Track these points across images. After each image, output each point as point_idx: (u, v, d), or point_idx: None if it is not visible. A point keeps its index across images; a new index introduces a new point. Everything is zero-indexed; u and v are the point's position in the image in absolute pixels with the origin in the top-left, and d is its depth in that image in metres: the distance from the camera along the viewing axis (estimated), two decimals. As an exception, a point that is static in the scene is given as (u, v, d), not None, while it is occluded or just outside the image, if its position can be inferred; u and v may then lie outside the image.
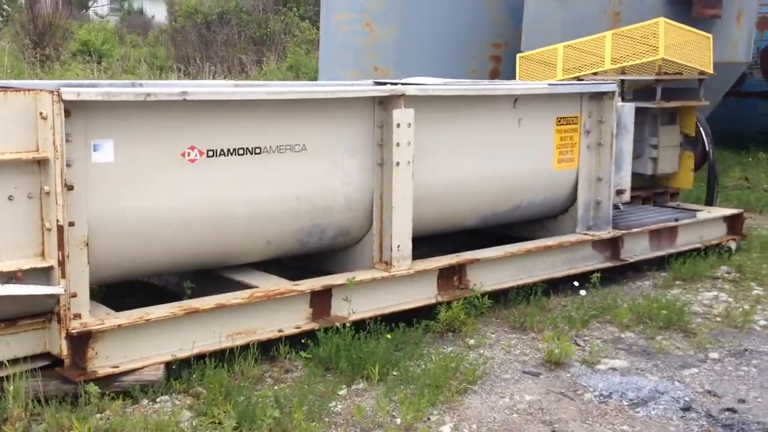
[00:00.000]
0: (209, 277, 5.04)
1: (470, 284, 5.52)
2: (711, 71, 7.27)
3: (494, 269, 5.66)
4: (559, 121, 6.13)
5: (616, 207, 7.02)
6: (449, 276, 5.43)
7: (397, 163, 5.04)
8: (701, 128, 7.47)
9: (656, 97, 7.02)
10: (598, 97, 6.26)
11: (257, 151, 4.58)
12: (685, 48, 7.23)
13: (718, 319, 5.62)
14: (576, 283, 5.83)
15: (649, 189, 7.53)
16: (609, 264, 6.35)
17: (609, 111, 6.24)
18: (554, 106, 6.07)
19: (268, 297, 4.54)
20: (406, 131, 5.05)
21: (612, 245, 6.40)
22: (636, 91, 7.79)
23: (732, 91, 13.25)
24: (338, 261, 5.39)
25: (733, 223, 7.34)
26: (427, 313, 5.22)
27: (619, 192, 6.64)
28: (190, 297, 4.65)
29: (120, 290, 5.33)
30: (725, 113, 13.53)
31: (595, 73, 7.36)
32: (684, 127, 7.47)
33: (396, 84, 5.84)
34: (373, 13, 11.65)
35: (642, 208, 7.20)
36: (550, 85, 5.90)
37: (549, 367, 4.69)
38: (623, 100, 7.59)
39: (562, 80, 7.48)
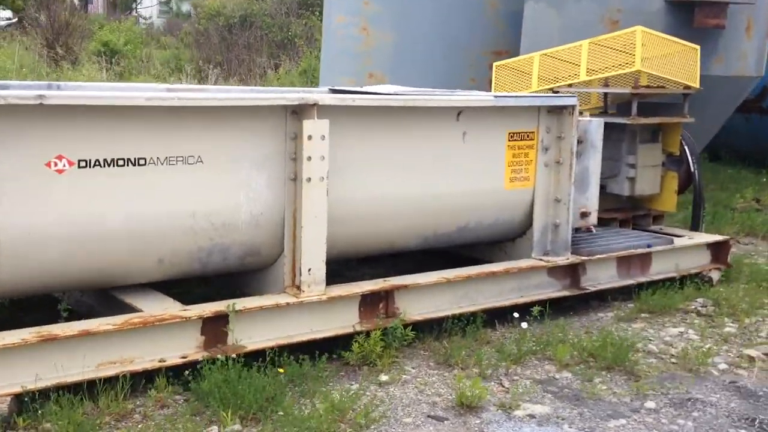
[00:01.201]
0: (106, 297, 4.65)
1: (399, 312, 5.05)
2: (697, 85, 6.68)
3: (428, 296, 5.18)
4: (512, 137, 5.62)
5: (588, 230, 6.52)
6: (374, 303, 4.97)
7: (309, 179, 4.59)
8: (686, 147, 6.88)
9: (632, 112, 6.45)
10: (557, 111, 5.74)
11: (141, 162, 4.16)
12: (668, 60, 6.66)
13: (674, 360, 5.06)
14: (516, 315, 5.31)
15: (628, 211, 6.97)
16: (566, 293, 5.82)
17: (569, 127, 5.71)
18: (506, 119, 5.57)
19: (145, 323, 4.12)
20: (320, 144, 4.59)
21: (571, 272, 5.87)
22: (620, 105, 7.26)
23: (754, 106, 12.62)
24: (254, 283, 4.97)
25: (718, 251, 6.74)
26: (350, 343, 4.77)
27: (584, 214, 6.12)
28: (68, 320, 4.26)
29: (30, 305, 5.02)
30: (747, 129, 12.86)
31: (570, 85, 6.83)
32: (667, 145, 6.89)
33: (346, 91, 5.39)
34: (369, 17, 11.21)
35: (617, 232, 6.64)
36: (496, 97, 5.40)
37: (459, 411, 4.20)
38: (606, 114, 7.09)
39: (536, 92, 6.97)
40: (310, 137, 4.55)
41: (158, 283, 4.65)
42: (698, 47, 6.75)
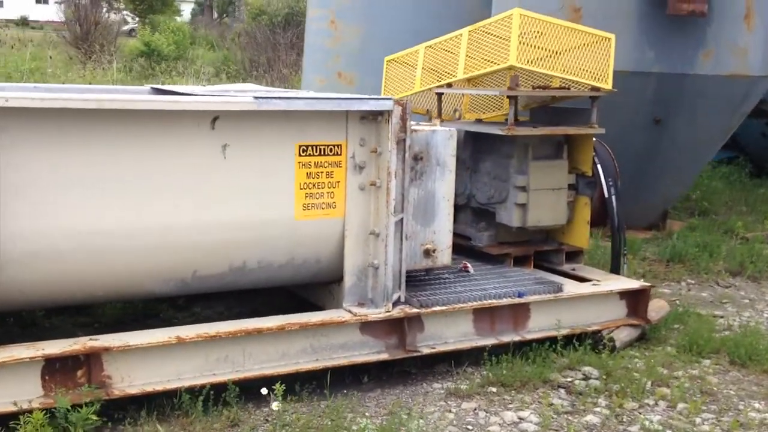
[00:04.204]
0: None
1: (111, 382, 3.82)
2: (608, 86, 5.13)
3: (161, 361, 3.93)
4: (304, 151, 4.29)
5: (464, 270, 5.14)
6: (69, 370, 3.76)
7: (-65, 207, 3.42)
8: (599, 166, 5.33)
9: (508, 120, 4.98)
10: (372, 118, 4.37)
11: None
12: (575, 53, 5.15)
13: (467, 468, 3.62)
14: (264, 391, 3.98)
15: (529, 246, 5.46)
16: (385, 356, 4.44)
17: (386, 139, 4.33)
18: (292, 128, 4.25)
19: None
20: (-47, 160, 3.41)
21: (397, 329, 4.48)
22: (534, 110, 5.78)
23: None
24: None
25: (636, 302, 5.18)
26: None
27: (428, 252, 4.72)
28: None
29: None
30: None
31: (449, 84, 5.41)
32: (577, 163, 5.36)
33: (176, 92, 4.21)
34: (338, 10, 9.96)
35: (502, 274, 5.19)
36: (257, 99, 4.05)
37: None
38: (515, 122, 5.64)
39: (419, 92, 5.59)
40: (-66, 150, 3.38)
41: None
42: (612, 36, 5.19)
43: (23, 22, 45.55)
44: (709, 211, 9.21)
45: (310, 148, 4.29)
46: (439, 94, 5.52)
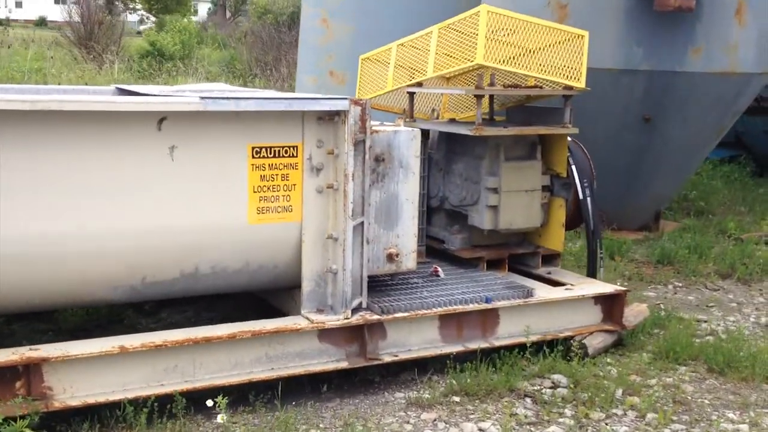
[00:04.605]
0: None
1: (52, 394, 3.71)
2: (581, 84, 4.96)
3: (105, 371, 3.81)
4: (258, 153, 4.15)
5: (434, 274, 5.01)
6: (8, 381, 3.65)
7: None
8: (573, 166, 5.15)
9: (476, 119, 4.82)
10: (329, 118, 4.23)
11: None
12: (548, 52, 4.98)
13: (414, 483, 3.48)
14: (209, 403, 3.84)
15: (502, 248, 5.31)
16: (344, 364, 4.30)
17: (342, 140, 4.19)
18: (245, 129, 4.11)
19: None
20: None
21: (357, 336, 4.34)
22: (511, 109, 5.62)
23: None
24: None
25: (611, 307, 5.01)
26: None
27: (392, 257, 4.57)
28: None
29: None
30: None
31: (420, 84, 5.26)
32: (551, 163, 5.20)
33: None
34: (329, 7, 9.82)
35: (474, 278, 5.03)
36: (203, 99, 3.92)
37: None
38: (491, 120, 5.51)
39: (393, 90, 5.45)
40: None
41: None
42: (585, 33, 5.02)
43: (42, 23, 45.85)
44: (705, 211, 9.01)
45: (264, 149, 4.16)
46: (411, 93, 5.38)
